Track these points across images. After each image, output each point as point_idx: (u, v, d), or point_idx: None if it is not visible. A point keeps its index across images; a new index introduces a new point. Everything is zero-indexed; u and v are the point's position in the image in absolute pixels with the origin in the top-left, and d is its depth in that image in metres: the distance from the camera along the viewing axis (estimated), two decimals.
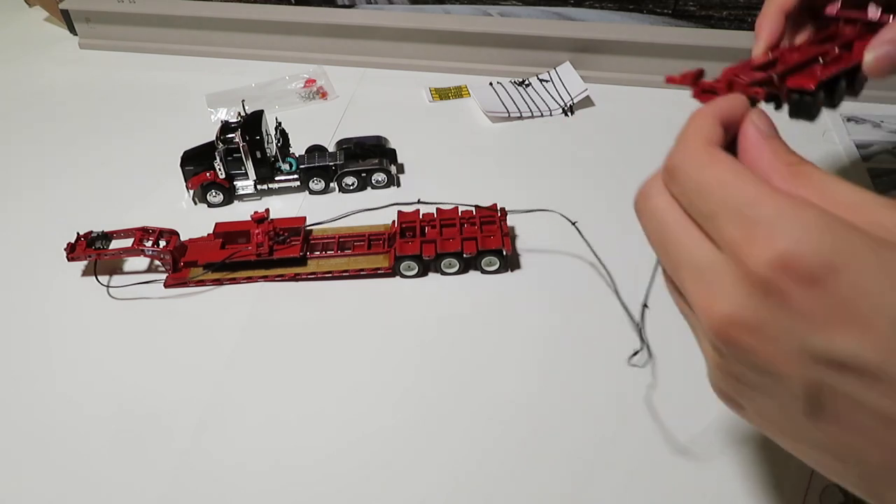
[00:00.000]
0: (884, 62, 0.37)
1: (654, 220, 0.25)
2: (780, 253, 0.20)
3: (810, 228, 0.20)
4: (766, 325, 0.21)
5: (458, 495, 0.40)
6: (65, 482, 0.42)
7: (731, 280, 0.22)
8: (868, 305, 0.20)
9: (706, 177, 0.23)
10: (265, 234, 0.54)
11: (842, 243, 0.20)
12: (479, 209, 0.56)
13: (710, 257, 0.23)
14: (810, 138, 0.67)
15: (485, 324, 0.50)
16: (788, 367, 0.21)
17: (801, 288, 0.20)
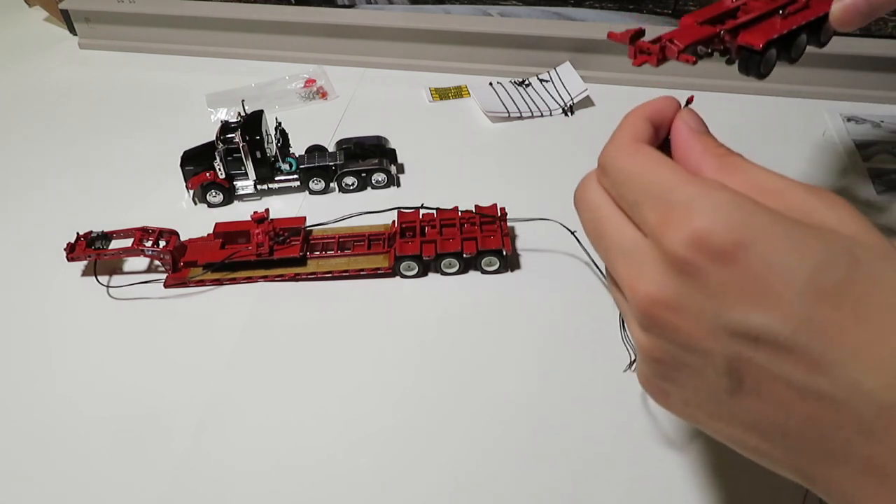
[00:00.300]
0: (851, 12, 0.37)
1: (588, 212, 0.27)
2: (693, 232, 0.22)
3: (721, 208, 0.22)
4: (686, 301, 0.22)
5: (459, 495, 0.40)
6: (64, 482, 0.42)
7: (653, 261, 0.23)
8: (776, 279, 0.21)
9: (631, 167, 0.25)
10: (265, 234, 0.54)
11: (751, 220, 0.21)
12: (479, 209, 0.56)
13: (636, 241, 0.24)
14: (810, 138, 0.67)
15: (485, 324, 0.50)
16: (709, 342, 0.22)
17: (715, 264, 0.21)
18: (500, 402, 0.45)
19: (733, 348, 0.22)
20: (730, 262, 0.21)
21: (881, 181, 0.61)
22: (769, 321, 0.21)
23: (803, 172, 0.62)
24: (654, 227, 0.23)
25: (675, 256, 0.22)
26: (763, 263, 0.21)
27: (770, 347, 0.21)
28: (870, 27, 0.72)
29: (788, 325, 0.21)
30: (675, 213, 0.22)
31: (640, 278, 0.24)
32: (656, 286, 0.23)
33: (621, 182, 0.25)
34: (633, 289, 0.24)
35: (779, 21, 0.38)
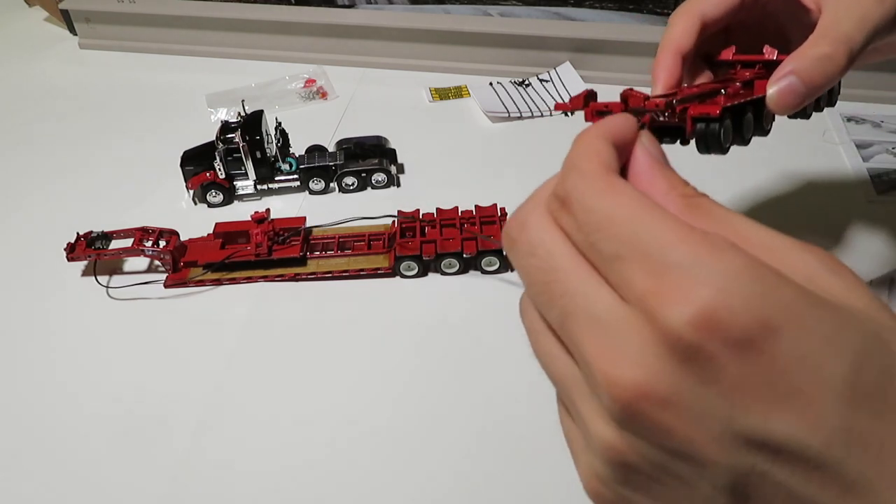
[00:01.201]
0: (787, 94, 0.35)
1: (534, 258, 0.20)
2: (703, 308, 0.16)
3: (736, 276, 0.16)
4: (687, 398, 0.17)
5: (459, 494, 0.40)
6: (64, 482, 0.42)
7: (642, 340, 0.17)
8: (809, 376, 0.16)
9: (608, 210, 0.19)
10: (265, 235, 0.54)
11: (778, 297, 0.16)
12: (479, 209, 0.56)
13: (614, 310, 0.18)
14: (810, 139, 0.67)
15: (485, 324, 0.50)
16: (713, 450, 0.17)
17: (731, 353, 0.16)
18: (500, 401, 0.45)
19: (745, 460, 0.17)
20: (752, 350, 0.16)
21: (881, 181, 0.61)
22: (798, 430, 0.16)
23: (804, 173, 0.62)
24: (643, 295, 0.17)
25: (676, 338, 0.16)
26: (793, 355, 0.16)
27: (794, 462, 0.16)
28: None
29: (821, 435, 0.16)
30: (675, 280, 0.17)
31: (620, 361, 0.17)
32: (646, 374, 0.17)
33: (594, 227, 0.19)
34: (609, 374, 0.18)
35: (724, 97, 0.35)
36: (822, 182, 0.61)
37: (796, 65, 0.34)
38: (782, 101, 0.35)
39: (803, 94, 0.35)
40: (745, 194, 0.56)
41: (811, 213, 0.58)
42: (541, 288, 0.20)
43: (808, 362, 0.16)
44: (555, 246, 0.20)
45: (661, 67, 0.38)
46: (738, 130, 0.36)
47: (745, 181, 0.61)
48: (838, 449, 0.16)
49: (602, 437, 0.19)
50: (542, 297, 0.20)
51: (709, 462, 0.17)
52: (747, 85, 0.36)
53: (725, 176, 0.61)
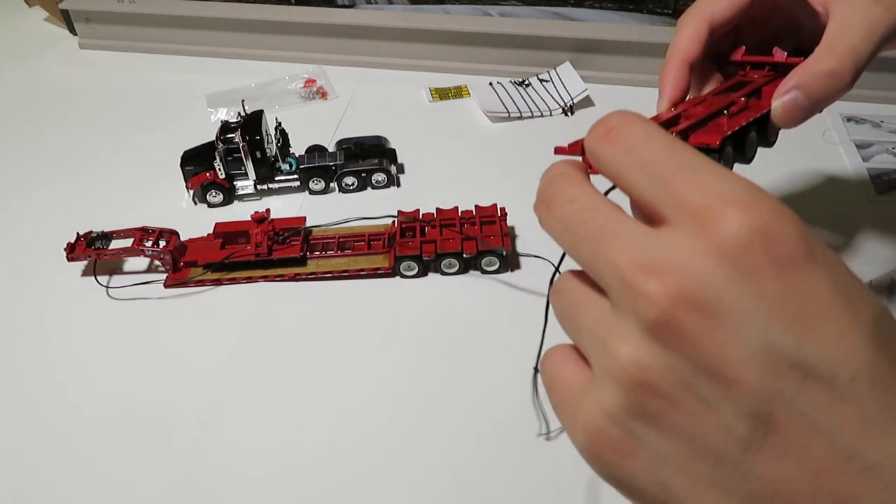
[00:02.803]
0: (791, 109, 0.35)
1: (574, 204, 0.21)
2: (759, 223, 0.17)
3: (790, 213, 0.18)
4: (728, 305, 0.17)
5: (460, 494, 0.40)
6: (64, 482, 0.42)
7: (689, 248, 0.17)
8: (846, 310, 0.17)
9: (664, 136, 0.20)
10: (265, 234, 0.54)
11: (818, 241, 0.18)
12: (479, 209, 0.56)
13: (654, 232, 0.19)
14: (810, 139, 0.67)
15: (485, 324, 0.50)
16: (745, 368, 0.17)
17: (778, 270, 0.17)
18: (500, 401, 0.45)
19: (775, 383, 0.17)
20: (797, 272, 0.17)
21: (881, 181, 0.61)
22: (830, 356, 0.16)
23: (804, 173, 0.62)
24: (700, 209, 0.17)
25: (731, 245, 0.17)
26: (833, 288, 0.17)
27: (821, 390, 0.17)
28: None
29: (851, 365, 0.17)
30: (734, 198, 0.17)
31: (663, 269, 0.17)
32: (691, 280, 0.17)
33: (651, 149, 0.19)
34: (649, 283, 0.17)
35: (726, 120, 0.35)
36: (821, 182, 0.61)
37: (800, 80, 0.35)
38: (787, 116, 0.35)
39: (808, 110, 0.35)
40: None
41: (811, 213, 0.58)
42: (578, 227, 0.20)
43: (844, 297, 0.17)
44: (593, 192, 0.21)
45: (667, 79, 0.39)
46: (741, 149, 0.36)
47: None
48: (863, 383, 0.16)
49: (627, 358, 0.18)
50: (577, 235, 0.20)
51: (739, 381, 0.17)
52: (754, 94, 0.37)
53: None
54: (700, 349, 0.17)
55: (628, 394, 0.18)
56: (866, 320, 0.17)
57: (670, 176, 0.18)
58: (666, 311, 0.17)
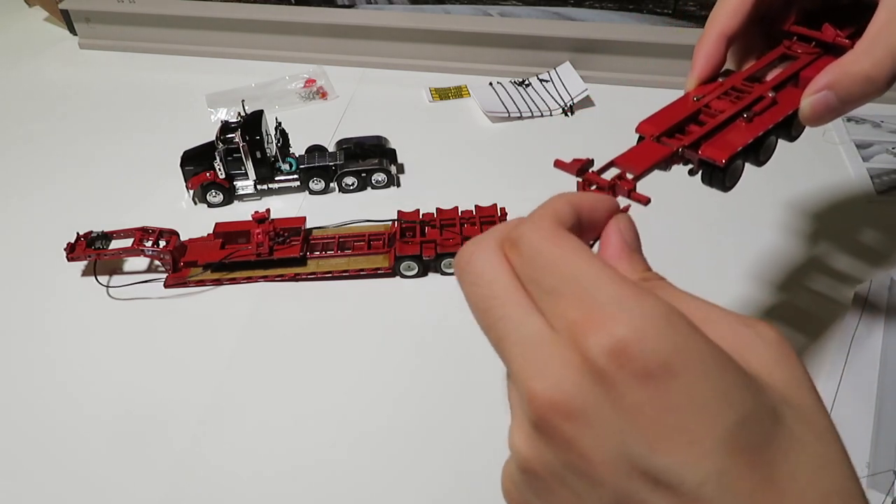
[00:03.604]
0: (820, 110, 0.34)
1: (478, 287, 0.22)
2: (619, 340, 0.18)
3: (654, 320, 0.19)
4: (591, 415, 0.19)
5: (460, 495, 0.40)
6: (64, 483, 0.42)
7: (562, 361, 0.19)
8: (698, 420, 0.18)
9: (553, 251, 0.21)
10: (265, 234, 0.54)
11: (686, 344, 0.18)
12: (479, 209, 0.56)
13: (542, 334, 0.20)
14: (810, 139, 0.67)
15: None
16: (604, 470, 0.19)
17: (635, 383, 0.18)
18: (501, 401, 0.45)
19: (629, 485, 0.19)
20: (651, 383, 0.18)
21: (881, 181, 0.61)
22: (678, 465, 0.18)
23: (804, 173, 0.62)
24: (571, 323, 0.19)
25: (591, 362, 0.19)
26: (688, 398, 0.18)
27: (671, 494, 0.18)
28: None
29: (698, 474, 0.18)
30: (600, 314, 0.19)
31: (541, 377, 0.20)
32: (560, 389, 0.19)
33: (539, 265, 0.21)
34: (531, 386, 0.20)
35: (744, 127, 0.35)
36: (821, 182, 0.61)
37: (834, 79, 0.33)
38: (815, 116, 0.34)
39: (838, 111, 0.34)
40: (748, 197, 0.56)
41: (811, 214, 0.58)
42: (482, 314, 0.22)
43: (700, 407, 0.18)
44: (496, 276, 0.22)
45: (700, 53, 0.38)
46: (755, 153, 0.36)
47: (745, 181, 0.61)
48: (712, 489, 0.18)
49: (519, 445, 0.21)
50: (482, 321, 0.23)
51: (599, 481, 0.19)
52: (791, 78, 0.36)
53: None
54: (568, 450, 0.19)
55: (521, 472, 0.22)
56: (721, 428, 0.18)
57: (550, 290, 0.21)
58: (541, 416, 0.20)
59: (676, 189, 0.49)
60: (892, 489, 0.37)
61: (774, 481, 0.18)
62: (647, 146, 0.36)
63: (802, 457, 0.19)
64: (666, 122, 0.36)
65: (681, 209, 0.58)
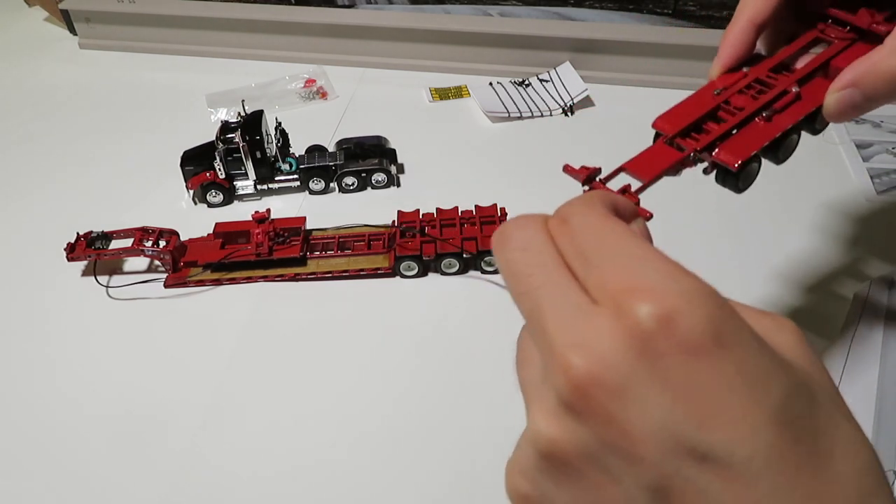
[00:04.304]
0: (845, 107, 0.34)
1: (525, 252, 0.22)
2: (668, 309, 0.18)
3: (704, 296, 0.19)
4: (635, 389, 0.18)
5: (460, 495, 0.40)
6: (64, 483, 0.42)
7: (606, 331, 0.19)
8: (748, 395, 0.18)
9: (604, 227, 0.21)
10: (265, 234, 0.54)
11: (732, 321, 0.19)
12: (480, 209, 0.56)
13: (585, 306, 0.20)
14: (810, 139, 0.67)
15: (485, 323, 0.50)
16: (647, 447, 0.18)
17: (683, 356, 0.18)
18: (501, 401, 0.45)
19: (673, 463, 0.18)
20: (702, 357, 0.18)
21: (881, 181, 0.61)
22: (728, 440, 0.18)
23: (803, 173, 0.62)
24: (616, 293, 0.19)
25: (640, 332, 0.18)
26: (738, 372, 0.18)
27: (718, 469, 0.18)
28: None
29: (747, 447, 0.18)
30: (649, 284, 0.19)
31: (582, 348, 0.19)
32: (603, 362, 0.18)
33: (590, 237, 0.21)
34: (568, 357, 0.19)
35: (762, 127, 0.34)
36: (821, 182, 0.61)
37: (860, 76, 0.33)
38: (839, 112, 0.34)
39: (862, 109, 0.34)
40: (748, 196, 0.56)
41: (811, 213, 0.58)
42: (522, 279, 0.21)
43: (748, 382, 0.18)
44: (546, 247, 0.22)
45: (727, 41, 0.37)
46: (774, 152, 0.35)
47: None
48: (759, 462, 0.18)
49: (544, 427, 0.20)
50: (520, 286, 0.21)
51: (640, 458, 0.18)
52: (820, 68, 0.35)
53: None
54: (607, 426, 0.18)
55: (540, 458, 0.20)
56: (770, 403, 0.18)
57: (599, 262, 0.20)
58: (579, 389, 0.18)
59: (675, 190, 0.49)
60: (892, 489, 0.37)
61: (817, 455, 0.18)
62: (658, 150, 0.36)
63: (838, 434, 0.19)
64: (683, 118, 0.36)
65: (678, 210, 0.58)
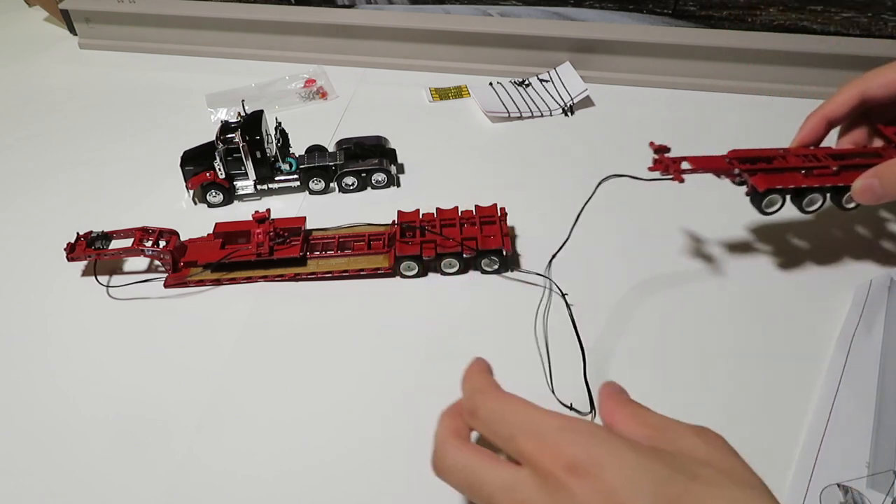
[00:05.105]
0: (866, 193, 0.44)
1: (457, 472, 0.30)
2: (565, 458, 0.27)
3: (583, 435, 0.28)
4: None
5: (459, 495, 0.40)
6: (63, 483, 0.42)
7: (533, 485, 0.27)
8: (629, 489, 0.25)
9: (504, 408, 0.31)
10: (265, 234, 0.54)
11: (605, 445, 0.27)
12: (479, 209, 0.56)
13: (514, 474, 0.28)
14: None
15: (485, 323, 0.50)
16: None
17: (578, 480, 0.26)
18: None
19: None
20: (590, 477, 0.26)
21: None
22: None
23: None
24: (530, 455, 0.28)
25: (553, 477, 0.27)
26: (617, 477, 0.26)
27: None
28: (870, 27, 0.72)
29: None
30: (549, 443, 0.28)
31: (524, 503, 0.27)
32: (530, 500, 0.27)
33: (496, 420, 0.30)
34: None
35: (797, 176, 0.46)
36: None
37: (882, 171, 0.44)
38: (860, 193, 0.45)
39: (880, 197, 0.44)
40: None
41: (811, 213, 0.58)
42: (470, 490, 0.30)
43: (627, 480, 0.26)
44: (466, 458, 0.30)
45: (805, 126, 0.50)
46: (800, 203, 0.47)
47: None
48: None
49: None
50: (472, 494, 0.29)
51: None
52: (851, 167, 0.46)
53: None
54: None
55: None
56: (649, 488, 0.25)
57: (513, 433, 0.29)
58: None
59: (694, 188, 0.49)
60: (892, 489, 0.37)
61: None
62: (715, 158, 0.47)
63: (718, 496, 0.26)
64: (747, 153, 0.47)
65: (690, 209, 0.58)
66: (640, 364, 0.46)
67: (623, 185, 0.61)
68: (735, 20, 0.75)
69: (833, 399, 0.42)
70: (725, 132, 0.69)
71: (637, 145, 0.68)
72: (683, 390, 0.45)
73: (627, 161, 0.65)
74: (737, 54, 0.73)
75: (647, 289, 0.52)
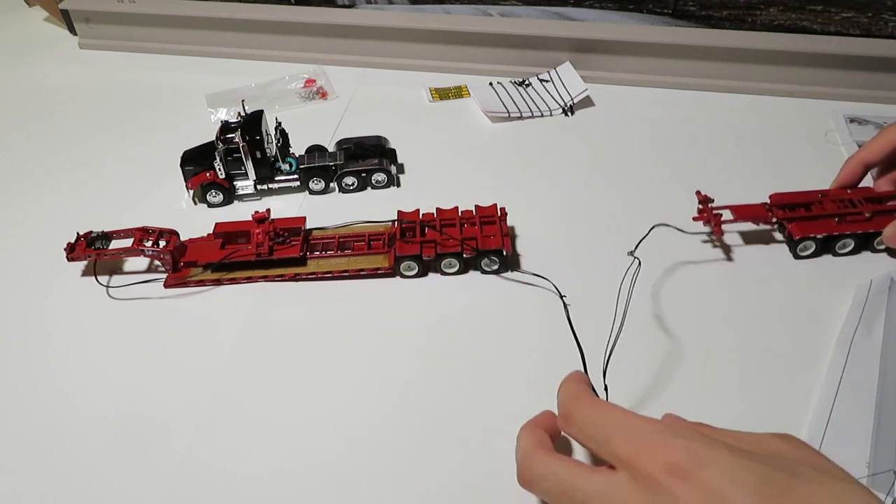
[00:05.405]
0: (894, 236, 0.50)
1: (548, 482, 0.31)
2: (666, 461, 0.27)
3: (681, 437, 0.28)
4: None
5: (460, 496, 0.40)
6: (63, 482, 0.42)
7: (630, 490, 0.28)
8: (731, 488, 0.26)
9: (598, 412, 0.32)
10: (265, 234, 0.54)
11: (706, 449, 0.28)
12: (480, 209, 0.56)
13: (609, 480, 0.29)
14: (812, 140, 0.67)
15: (485, 324, 0.50)
16: None
17: (681, 482, 0.27)
18: (501, 401, 0.45)
19: None
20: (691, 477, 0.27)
21: None
22: None
23: (806, 174, 0.62)
24: (627, 458, 0.28)
25: (652, 479, 0.27)
26: (719, 477, 0.26)
27: None
28: (870, 27, 0.72)
29: None
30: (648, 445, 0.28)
31: None
32: None
33: (591, 425, 0.31)
34: None
35: (831, 224, 0.51)
36: (823, 183, 0.60)
37: None
38: (890, 241, 0.50)
39: None
40: (747, 196, 0.56)
41: None
42: (563, 497, 0.30)
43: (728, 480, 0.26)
44: (556, 467, 0.31)
45: (844, 169, 0.54)
46: (833, 244, 0.52)
47: (748, 182, 0.61)
48: None
49: None
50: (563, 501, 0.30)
51: None
52: (885, 212, 0.52)
53: (728, 177, 0.61)
54: None
55: None
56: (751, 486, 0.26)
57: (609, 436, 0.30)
58: None
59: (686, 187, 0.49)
60: (892, 489, 0.37)
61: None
62: (757, 207, 0.53)
63: (821, 490, 0.26)
64: (787, 198, 0.54)
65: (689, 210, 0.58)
66: (640, 364, 0.46)
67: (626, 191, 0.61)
68: (735, 20, 0.75)
69: (833, 399, 0.42)
70: (725, 132, 0.68)
71: (637, 145, 0.68)
72: (683, 391, 0.45)
73: (627, 160, 0.65)
74: (737, 54, 0.73)
75: (646, 289, 0.52)
